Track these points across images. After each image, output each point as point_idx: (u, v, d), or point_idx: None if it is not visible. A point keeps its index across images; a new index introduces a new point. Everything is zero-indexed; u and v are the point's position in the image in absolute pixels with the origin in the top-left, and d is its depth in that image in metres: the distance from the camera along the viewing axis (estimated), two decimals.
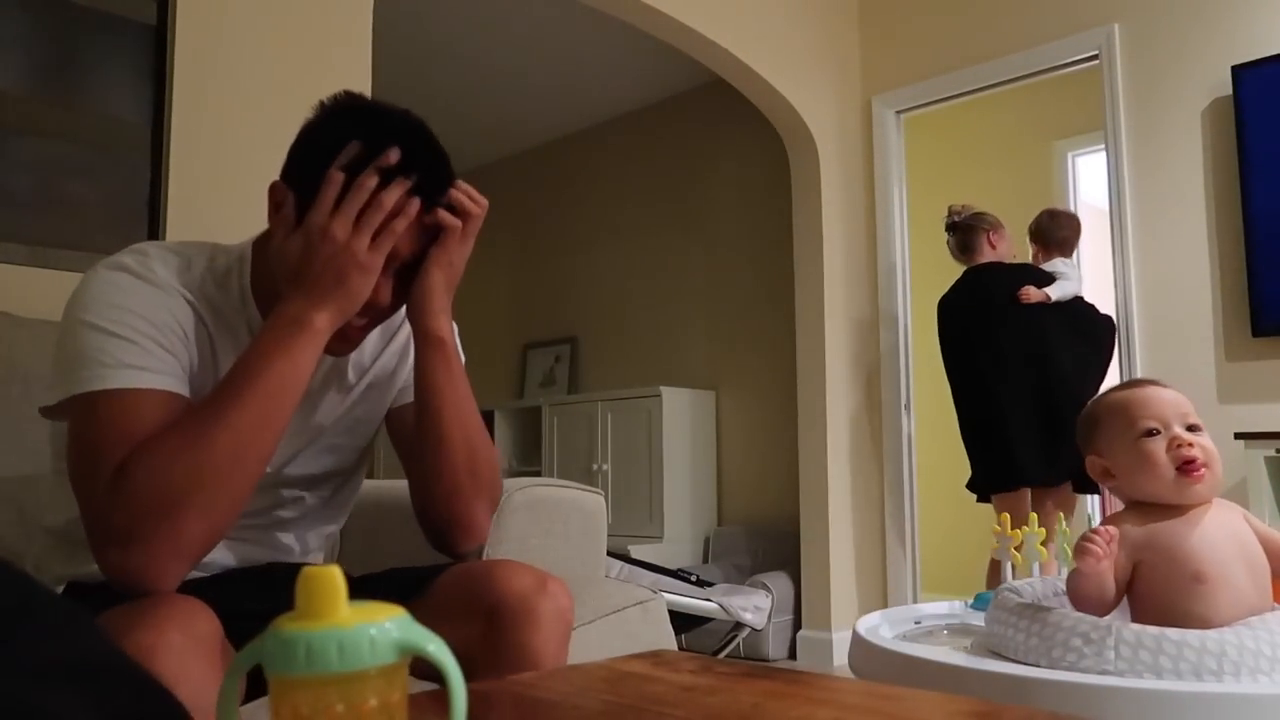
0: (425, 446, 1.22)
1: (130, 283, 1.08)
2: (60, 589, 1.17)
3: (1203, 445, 1.32)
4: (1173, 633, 1.18)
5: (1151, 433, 1.33)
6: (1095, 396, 1.48)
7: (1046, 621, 1.26)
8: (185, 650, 0.85)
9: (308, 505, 1.33)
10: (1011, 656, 1.30)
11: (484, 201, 1.21)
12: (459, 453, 1.22)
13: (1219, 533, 1.29)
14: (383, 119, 1.14)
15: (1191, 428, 1.34)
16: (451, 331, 1.23)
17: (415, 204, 1.10)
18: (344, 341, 1.16)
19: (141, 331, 1.05)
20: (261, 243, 1.19)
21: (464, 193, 1.19)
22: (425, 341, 1.21)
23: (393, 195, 1.08)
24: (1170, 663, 1.15)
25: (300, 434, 1.25)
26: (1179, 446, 1.31)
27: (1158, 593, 1.29)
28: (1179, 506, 1.32)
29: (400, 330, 1.33)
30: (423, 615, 1.12)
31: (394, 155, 1.09)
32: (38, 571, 1.21)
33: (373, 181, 1.08)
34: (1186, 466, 1.30)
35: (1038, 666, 1.24)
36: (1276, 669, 1.15)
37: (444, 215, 1.16)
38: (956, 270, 4.84)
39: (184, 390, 1.07)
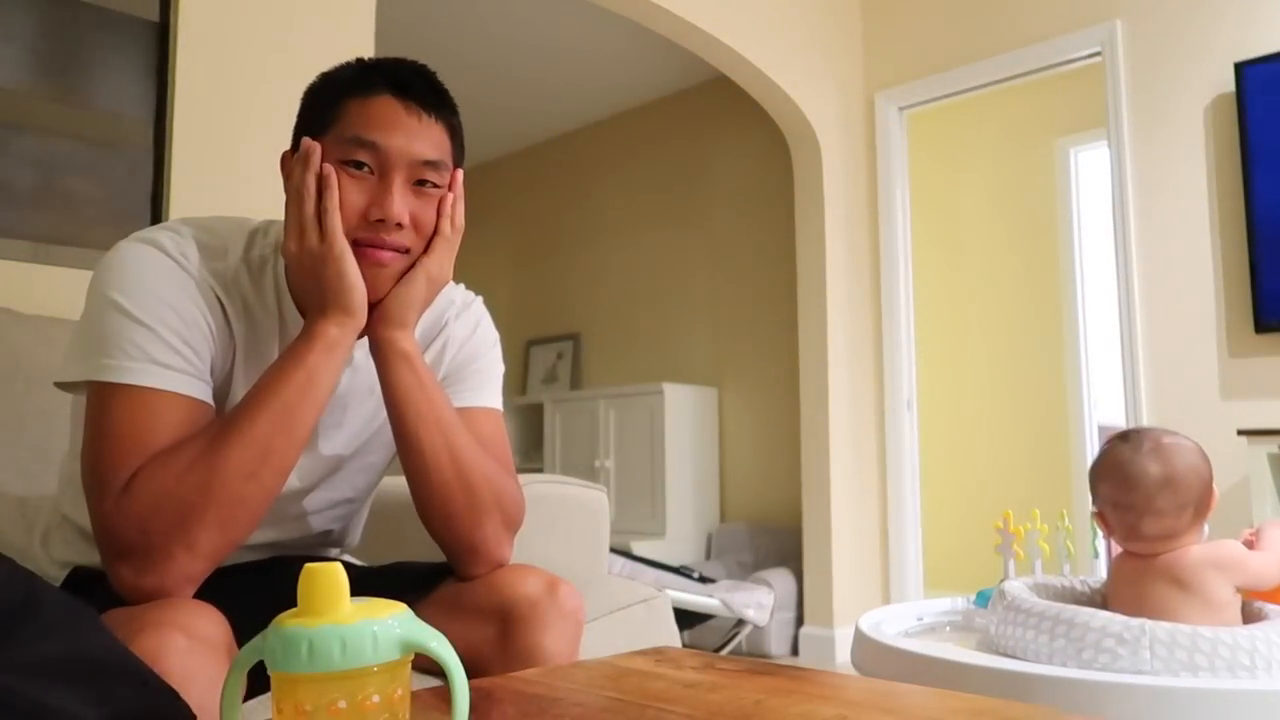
0: (411, 472, 1.13)
1: (165, 266, 1.04)
2: (65, 573, 1.16)
3: None
4: (1206, 630, 1.18)
5: None
6: (1184, 451, 1.42)
7: (1074, 623, 1.26)
8: (192, 652, 0.84)
9: (340, 531, 1.32)
10: (1031, 658, 1.29)
11: (461, 226, 1.15)
12: (447, 475, 1.12)
13: None
14: (346, 68, 1.13)
15: None
16: (416, 346, 1.14)
17: (331, 173, 1.05)
18: (376, 266, 1.08)
19: (171, 326, 1.01)
20: None
21: (453, 207, 1.13)
22: (392, 355, 1.10)
23: (310, 176, 1.05)
24: (1206, 660, 1.15)
25: (339, 455, 1.22)
26: None
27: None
28: None
29: (434, 343, 1.26)
30: (429, 614, 1.11)
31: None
32: (46, 551, 1.20)
33: (297, 175, 1.06)
34: None
35: (1065, 667, 1.24)
36: (1257, 664, 1.15)
37: (442, 222, 1.12)
38: (957, 267, 4.85)
39: (206, 397, 1.04)
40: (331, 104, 1.10)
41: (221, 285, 1.08)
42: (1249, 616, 1.37)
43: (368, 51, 2.44)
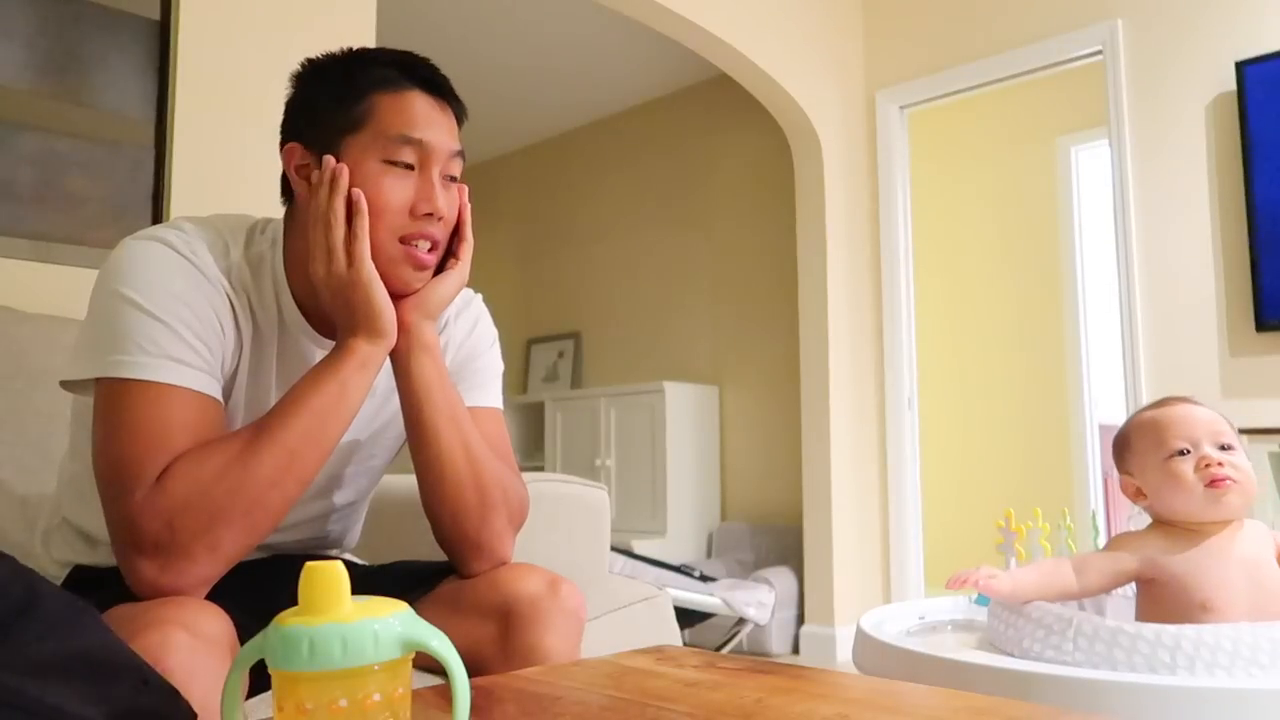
0: (424, 465, 1.14)
1: (175, 262, 1.04)
2: (66, 573, 1.16)
3: (1234, 463, 1.32)
4: (1129, 626, 1.20)
5: (1182, 453, 1.34)
6: (1129, 416, 1.47)
7: (1020, 612, 1.32)
8: (194, 650, 0.84)
9: (340, 530, 1.32)
10: (1000, 647, 1.35)
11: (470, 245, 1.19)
12: (461, 470, 1.13)
13: (1233, 563, 1.31)
14: (359, 61, 1.15)
15: (1225, 447, 1.34)
16: (438, 340, 1.16)
17: (361, 197, 1.06)
18: (419, 269, 1.11)
19: (184, 321, 1.01)
20: (286, 232, 1.15)
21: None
22: (418, 345, 1.12)
23: (338, 201, 1.06)
24: (1124, 655, 1.17)
25: (341, 456, 1.22)
26: (1207, 466, 1.31)
27: (1166, 615, 1.31)
28: (1201, 530, 1.34)
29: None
30: (430, 613, 1.11)
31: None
32: (46, 551, 1.20)
33: (322, 197, 1.07)
34: (1214, 483, 1.31)
35: (1013, 656, 1.29)
36: (1236, 664, 1.15)
37: (466, 228, 1.16)
38: (958, 266, 4.84)
39: (218, 394, 1.04)
40: (358, 99, 1.10)
41: (228, 282, 1.08)
42: None
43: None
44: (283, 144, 1.14)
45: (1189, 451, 1.33)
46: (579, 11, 4.32)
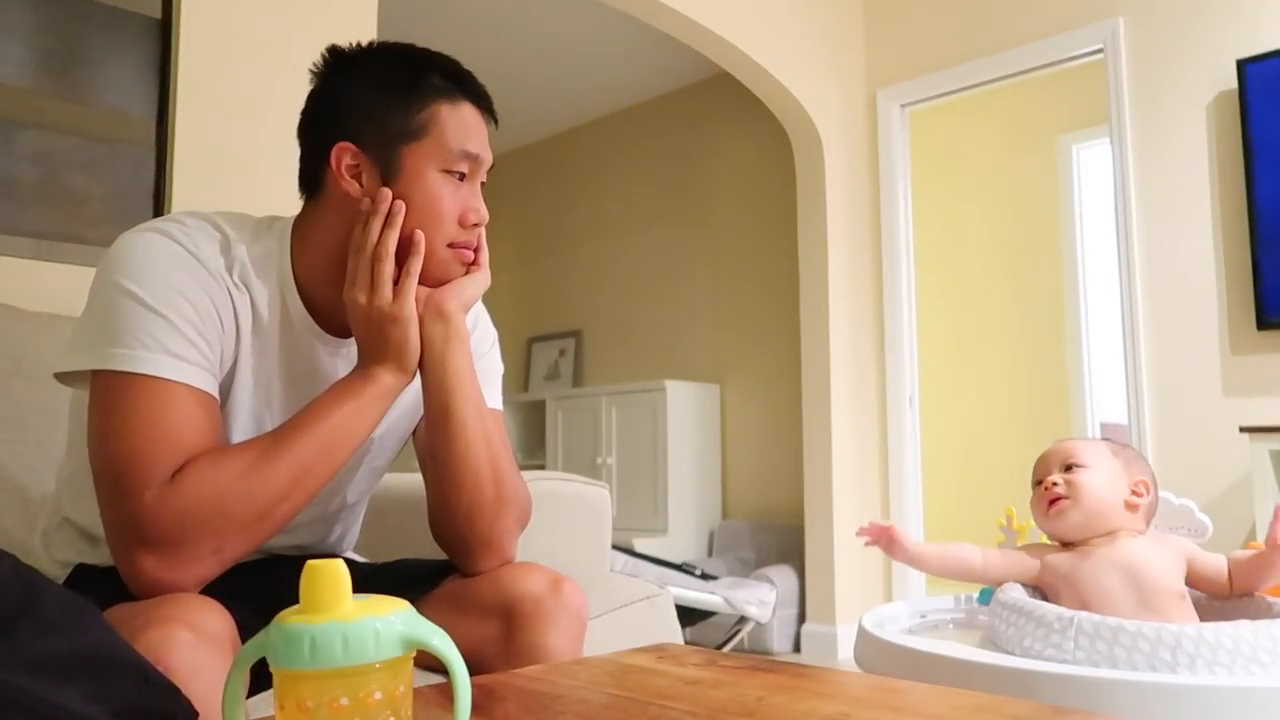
0: (448, 458, 1.14)
1: (177, 254, 1.03)
2: (67, 572, 1.16)
3: (1068, 480, 1.47)
4: (1130, 624, 1.21)
5: (1038, 484, 1.52)
6: None
7: (1020, 611, 1.33)
8: (196, 647, 0.84)
9: (341, 531, 1.32)
10: (1003, 647, 1.35)
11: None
12: (483, 464, 1.14)
13: (1111, 568, 1.41)
14: (419, 70, 1.16)
15: (1069, 468, 1.48)
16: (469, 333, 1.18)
17: (421, 239, 1.09)
18: (465, 265, 1.15)
19: (183, 315, 1.01)
20: (301, 227, 1.15)
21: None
22: (454, 335, 1.13)
23: (391, 234, 1.07)
24: (1124, 653, 1.18)
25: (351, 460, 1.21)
26: (1045, 490, 1.49)
27: None
28: (1087, 545, 1.46)
29: None
30: (432, 612, 1.11)
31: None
32: (47, 551, 1.20)
33: (375, 229, 1.07)
34: (1049, 504, 1.48)
35: (1014, 654, 1.30)
36: (1236, 663, 1.16)
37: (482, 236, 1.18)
38: (959, 264, 4.84)
39: (215, 390, 1.04)
40: (419, 107, 1.11)
41: (229, 277, 1.08)
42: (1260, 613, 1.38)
43: None
44: (326, 140, 1.11)
45: (1040, 483, 1.51)
46: (580, 9, 4.32)
